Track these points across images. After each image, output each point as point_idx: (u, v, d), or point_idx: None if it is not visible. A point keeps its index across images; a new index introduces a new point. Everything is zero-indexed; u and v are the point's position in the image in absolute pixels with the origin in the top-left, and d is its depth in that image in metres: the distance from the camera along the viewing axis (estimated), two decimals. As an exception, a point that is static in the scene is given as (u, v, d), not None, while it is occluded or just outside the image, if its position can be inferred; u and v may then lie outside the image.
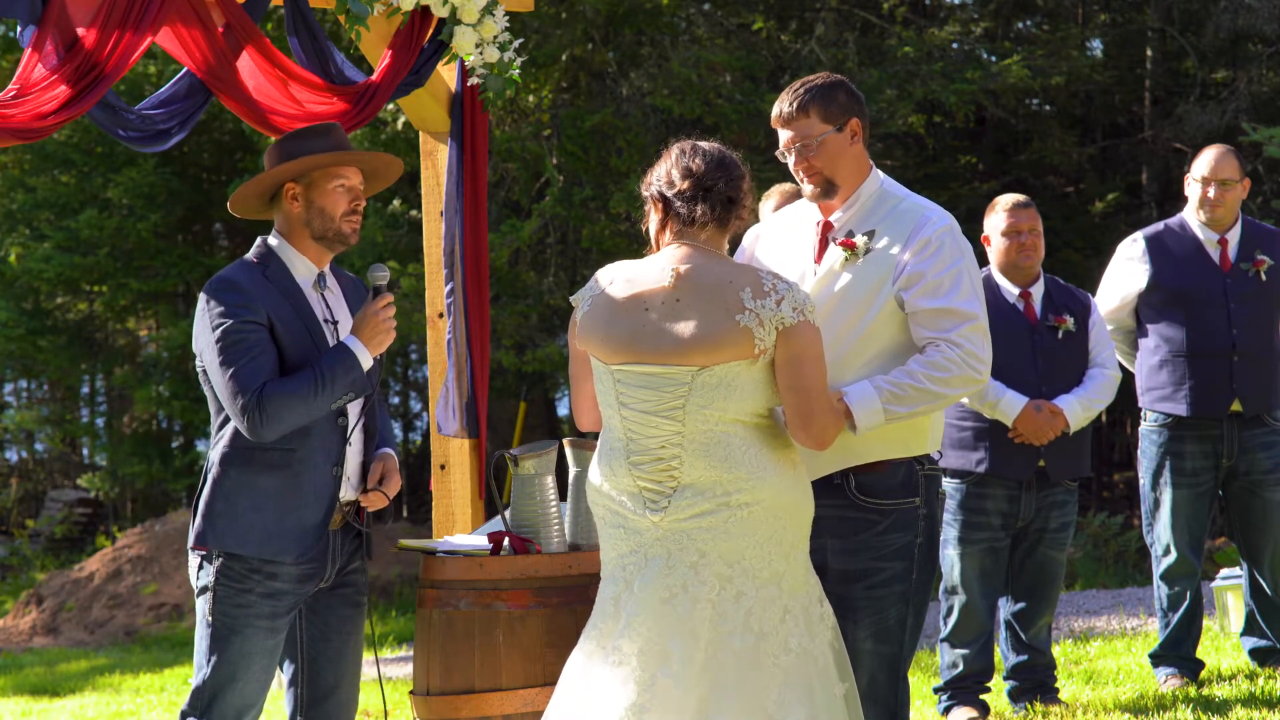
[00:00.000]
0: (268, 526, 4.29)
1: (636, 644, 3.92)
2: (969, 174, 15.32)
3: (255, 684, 4.36)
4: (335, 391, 4.29)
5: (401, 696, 8.70)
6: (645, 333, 3.98)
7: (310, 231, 4.43)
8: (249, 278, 4.34)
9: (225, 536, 4.30)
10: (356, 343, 4.35)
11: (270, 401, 4.21)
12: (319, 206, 4.42)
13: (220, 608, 4.31)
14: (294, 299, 4.38)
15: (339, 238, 4.45)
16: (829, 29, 13.92)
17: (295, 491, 4.33)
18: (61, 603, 15.75)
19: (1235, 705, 5.92)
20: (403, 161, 4.67)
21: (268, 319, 4.29)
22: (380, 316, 4.40)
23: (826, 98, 4.30)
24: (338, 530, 4.46)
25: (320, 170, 4.41)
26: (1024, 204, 6.20)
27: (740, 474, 3.94)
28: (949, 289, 4.20)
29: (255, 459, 4.31)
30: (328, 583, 4.46)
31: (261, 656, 4.35)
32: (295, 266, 4.44)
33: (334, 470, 4.38)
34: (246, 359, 4.24)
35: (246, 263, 4.41)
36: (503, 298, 13.70)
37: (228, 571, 4.30)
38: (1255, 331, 6.40)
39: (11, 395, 26.17)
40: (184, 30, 4.80)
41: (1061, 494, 6.18)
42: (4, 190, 18.48)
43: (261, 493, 4.30)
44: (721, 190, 4.03)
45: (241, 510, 4.29)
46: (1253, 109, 13.73)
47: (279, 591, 4.34)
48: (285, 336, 4.31)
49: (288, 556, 4.32)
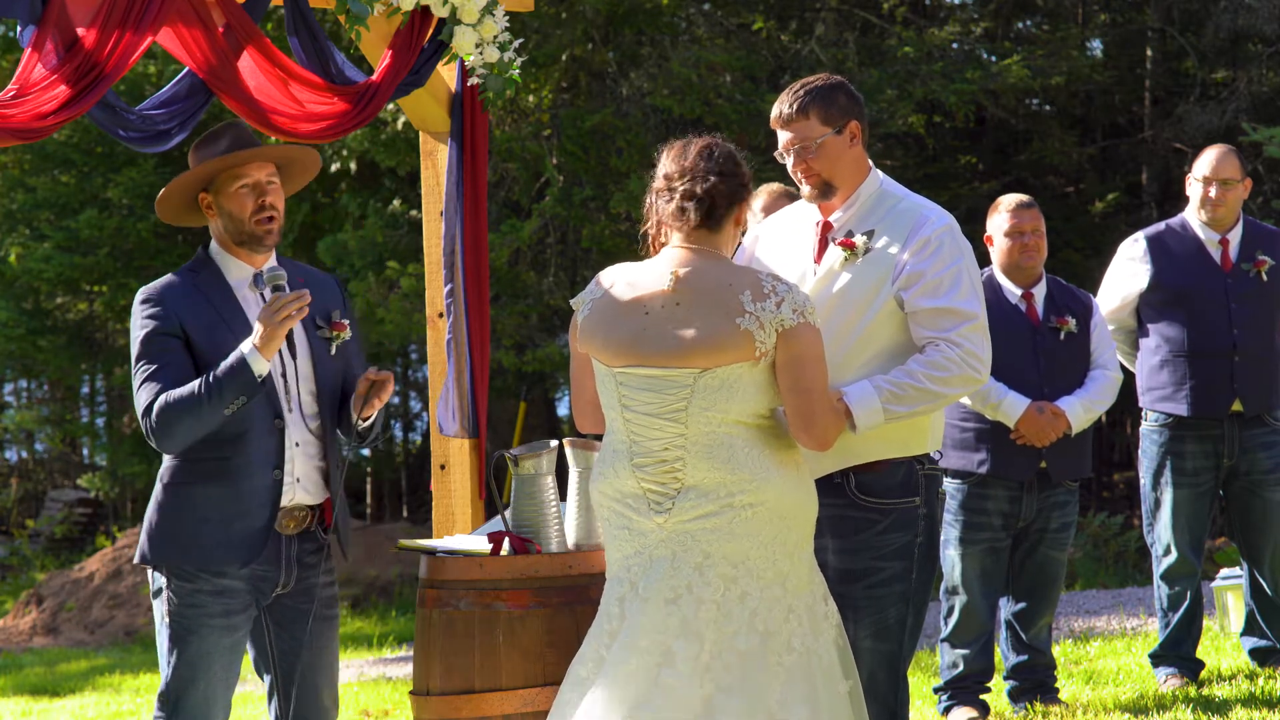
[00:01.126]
0: (213, 535, 4.28)
1: (641, 644, 3.92)
2: (969, 174, 15.32)
3: (218, 684, 4.35)
4: (224, 398, 4.21)
5: (401, 696, 8.69)
6: (646, 336, 3.98)
7: (231, 238, 4.41)
8: (171, 288, 4.34)
9: (170, 551, 4.30)
10: (249, 345, 4.25)
11: (160, 415, 4.21)
12: (228, 211, 4.38)
13: (173, 609, 4.31)
14: (222, 305, 4.35)
15: (253, 239, 4.39)
16: (829, 29, 13.92)
17: (236, 499, 4.30)
18: (61, 603, 15.76)
19: (1235, 705, 5.92)
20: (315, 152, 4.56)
21: (180, 328, 4.28)
22: (274, 314, 4.23)
23: (826, 100, 4.29)
24: (293, 536, 4.43)
25: (224, 174, 4.37)
26: (1028, 204, 6.20)
27: (743, 475, 3.94)
28: (948, 288, 4.20)
29: (194, 470, 4.30)
30: (286, 589, 4.43)
31: (221, 655, 4.33)
32: (229, 270, 4.42)
33: (274, 474, 4.34)
34: (146, 374, 4.26)
35: (178, 272, 4.41)
36: (503, 298, 13.70)
37: (177, 573, 4.31)
38: (1256, 332, 6.41)
39: (11, 395, 26.18)
40: (184, 30, 4.80)
41: (1063, 494, 6.18)
42: (4, 190, 18.47)
43: (203, 503, 4.29)
44: (730, 183, 4.03)
45: (185, 524, 4.29)
46: (1253, 109, 13.73)
47: (229, 589, 4.32)
48: (203, 344, 4.28)
49: (233, 565, 4.31)
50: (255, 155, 4.39)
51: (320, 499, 4.48)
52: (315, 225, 16.85)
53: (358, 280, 14.11)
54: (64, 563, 19.28)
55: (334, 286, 4.61)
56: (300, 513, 4.44)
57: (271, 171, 4.42)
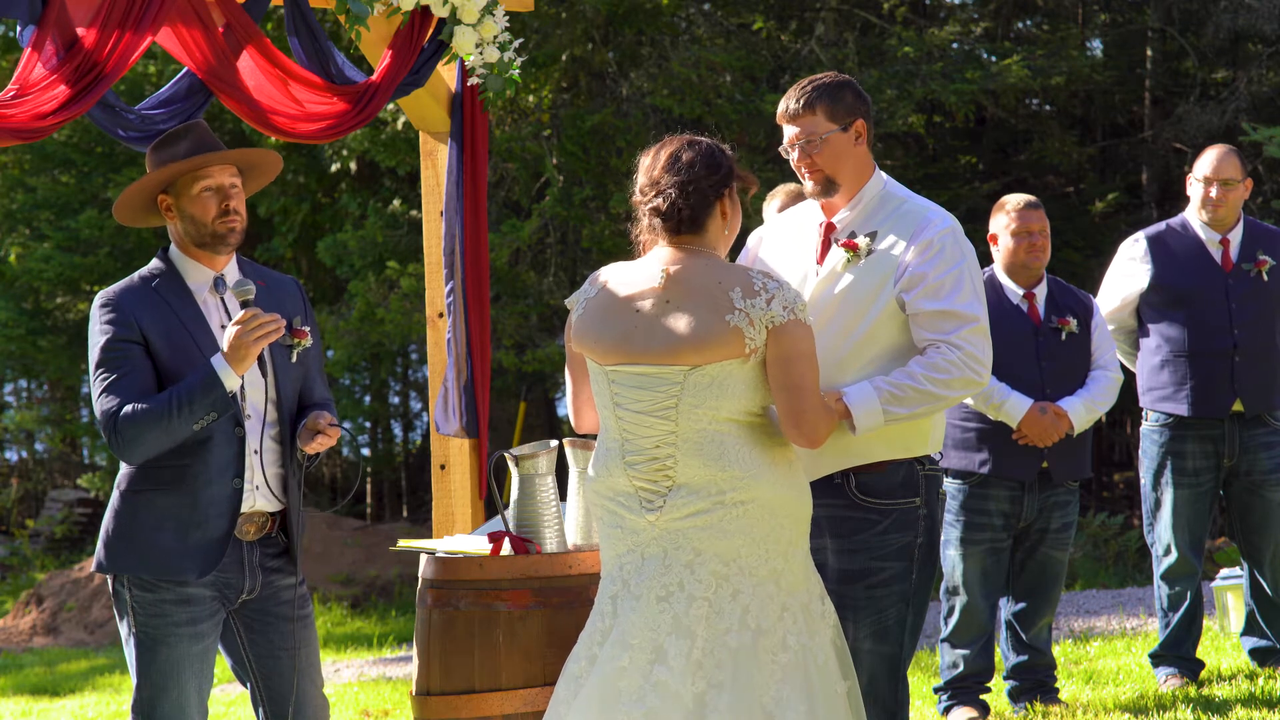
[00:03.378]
0: (168, 545, 4.23)
1: (634, 642, 3.92)
2: (969, 174, 15.31)
3: (189, 692, 4.31)
4: (195, 413, 4.17)
5: (401, 696, 8.69)
6: (637, 333, 3.98)
7: (191, 240, 4.34)
8: (130, 294, 4.27)
9: (123, 561, 4.26)
10: (221, 361, 4.20)
11: (126, 426, 4.15)
12: (189, 214, 4.31)
13: (139, 619, 4.26)
14: (182, 309, 4.28)
15: (217, 240, 4.32)
16: (829, 29, 13.91)
17: (193, 508, 4.25)
18: (61, 603, 15.75)
19: (1235, 705, 5.92)
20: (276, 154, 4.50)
21: (139, 334, 4.21)
22: (243, 330, 4.19)
23: (833, 96, 4.30)
24: (254, 542, 4.39)
25: (186, 176, 4.30)
26: (1034, 204, 6.20)
27: (734, 472, 3.93)
28: (950, 291, 4.20)
29: (150, 477, 4.25)
30: (253, 595, 4.39)
31: (191, 663, 4.29)
32: (189, 274, 4.35)
33: (234, 483, 4.29)
34: (107, 382, 4.19)
35: (137, 277, 4.34)
36: (503, 298, 13.70)
37: (139, 583, 4.26)
38: (1257, 331, 6.40)
39: (11, 395, 26.18)
40: (184, 30, 4.80)
41: (1063, 494, 6.18)
42: (4, 190, 18.47)
43: (159, 512, 4.24)
44: (699, 186, 4.01)
45: (141, 532, 4.23)
46: (1253, 109, 13.73)
47: (193, 597, 4.28)
48: (164, 350, 4.22)
49: (190, 574, 4.26)
50: (219, 159, 4.32)
51: (279, 505, 4.42)
52: (315, 225, 16.85)
53: (358, 280, 14.11)
54: (64, 563, 19.26)
55: (295, 290, 4.54)
56: (260, 519, 4.38)
57: (234, 174, 4.35)
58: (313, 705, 4.52)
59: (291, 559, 4.46)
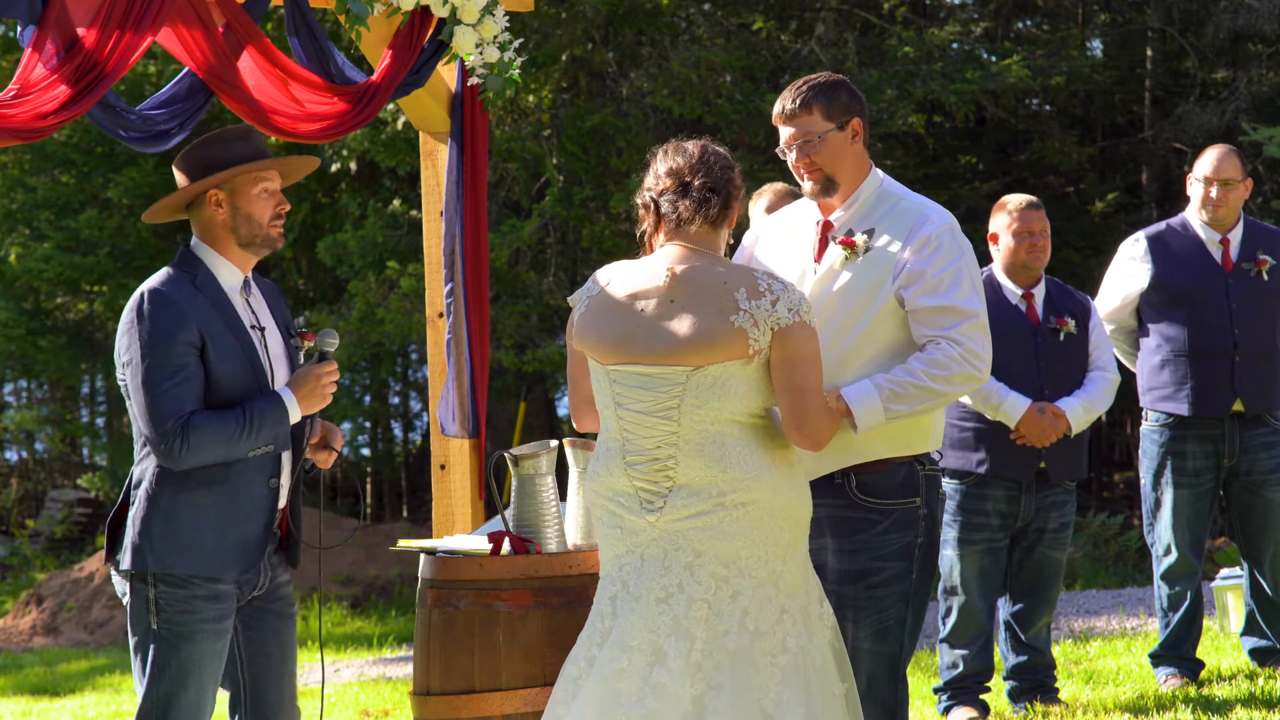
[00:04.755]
0: (209, 545, 4.23)
1: (633, 644, 3.92)
2: (969, 174, 15.31)
3: (206, 692, 4.30)
4: (259, 439, 4.21)
5: (401, 696, 8.69)
6: (640, 333, 3.97)
7: (236, 238, 4.33)
8: (180, 290, 4.22)
9: (167, 557, 4.21)
10: (290, 397, 4.26)
11: (195, 434, 4.12)
12: (245, 213, 4.32)
13: (165, 616, 4.23)
14: (222, 307, 4.28)
15: (267, 242, 4.36)
16: (829, 29, 13.92)
17: (234, 506, 4.26)
18: (61, 603, 15.75)
19: (1235, 705, 5.92)
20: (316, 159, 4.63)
21: (200, 336, 4.18)
22: (322, 380, 4.33)
23: (829, 96, 4.30)
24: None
25: (247, 176, 4.32)
26: (1035, 204, 6.21)
27: (735, 474, 3.93)
28: (949, 287, 4.20)
29: (192, 476, 4.21)
30: (261, 591, 4.40)
31: (211, 660, 4.29)
32: (221, 273, 4.33)
33: (271, 482, 4.32)
34: (172, 383, 4.13)
35: (175, 272, 4.28)
36: (503, 298, 13.70)
37: (168, 580, 4.22)
38: (1257, 331, 6.41)
39: (11, 395, 26.17)
40: (184, 30, 4.80)
41: (1061, 494, 6.18)
42: (4, 190, 18.47)
43: (200, 510, 4.22)
44: (707, 186, 4.02)
45: (181, 530, 4.21)
46: (1253, 109, 13.73)
47: (221, 594, 4.28)
48: (215, 351, 4.21)
49: (231, 573, 4.26)
50: (295, 165, 4.45)
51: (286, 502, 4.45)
52: (315, 225, 16.86)
53: (358, 280, 14.11)
54: (64, 563, 19.27)
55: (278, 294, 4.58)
56: (278, 516, 4.43)
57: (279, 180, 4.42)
58: (291, 700, 4.52)
59: (291, 557, 4.49)
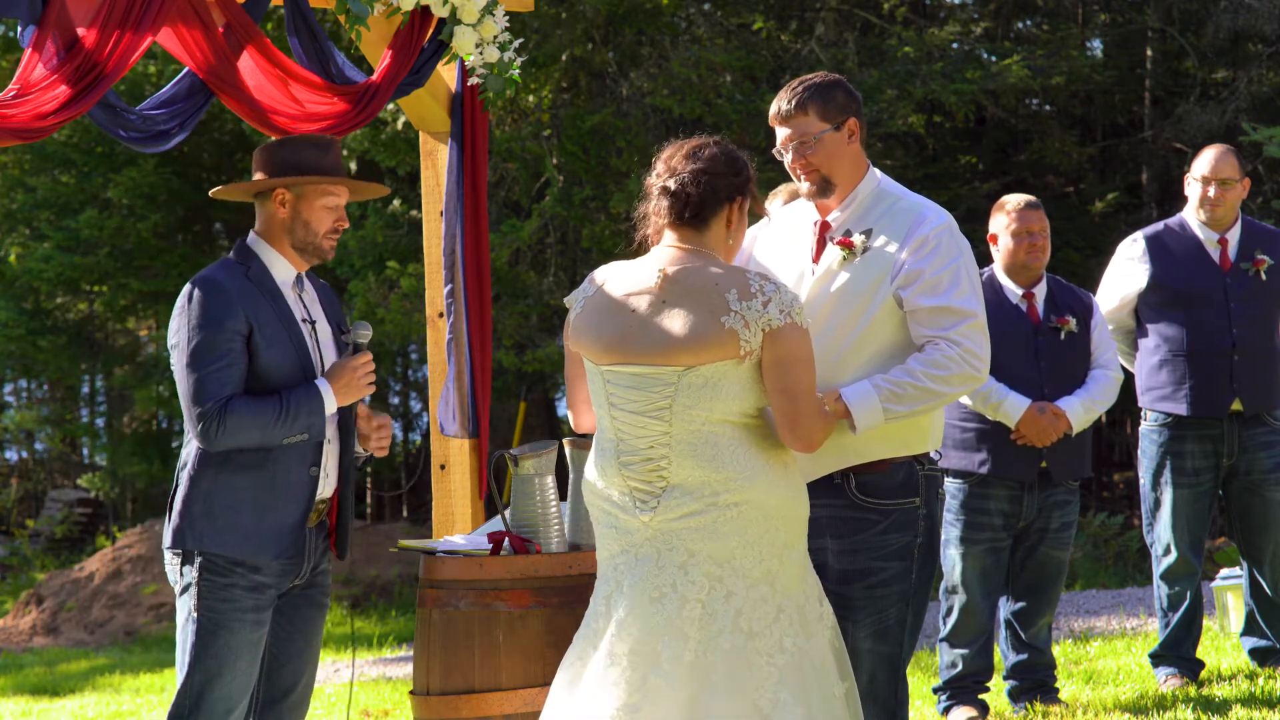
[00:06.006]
0: (245, 527, 4.30)
1: (627, 644, 3.92)
2: (969, 174, 15.32)
3: (241, 679, 4.34)
4: (294, 427, 4.30)
5: (401, 696, 8.70)
6: (632, 333, 3.98)
7: (291, 239, 4.47)
8: (232, 279, 4.35)
9: (205, 536, 4.30)
10: (327, 387, 4.38)
11: (232, 417, 4.23)
12: (304, 219, 4.46)
13: (205, 603, 4.30)
14: (274, 299, 4.40)
15: (317, 253, 4.50)
16: (829, 29, 13.92)
17: (270, 492, 4.33)
18: (61, 603, 15.76)
19: (1235, 705, 5.92)
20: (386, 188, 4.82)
21: (247, 324, 4.30)
22: (359, 372, 4.43)
23: (825, 96, 4.30)
24: (314, 528, 4.47)
25: (314, 185, 4.45)
26: (1034, 204, 6.21)
27: (728, 474, 3.93)
28: (947, 287, 4.19)
29: (232, 459, 4.31)
30: (303, 580, 4.46)
31: (248, 650, 4.33)
32: (275, 267, 4.46)
33: (311, 470, 4.39)
34: (216, 366, 4.25)
35: (229, 263, 4.42)
36: (503, 298, 13.70)
37: (210, 567, 4.30)
38: (1255, 331, 6.41)
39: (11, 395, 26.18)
40: (184, 30, 4.80)
41: (1063, 494, 6.18)
42: (4, 190, 18.47)
43: (237, 493, 4.30)
44: (713, 180, 4.02)
45: (219, 510, 4.29)
46: (1253, 109, 13.73)
47: (262, 585, 4.34)
48: (263, 340, 4.32)
49: (266, 556, 4.33)
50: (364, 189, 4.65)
51: (332, 491, 4.51)
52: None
53: (358, 280, 14.12)
54: (64, 563, 19.28)
55: (333, 294, 4.71)
56: (323, 505, 4.48)
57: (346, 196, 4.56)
58: (305, 689, 4.55)
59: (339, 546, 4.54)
